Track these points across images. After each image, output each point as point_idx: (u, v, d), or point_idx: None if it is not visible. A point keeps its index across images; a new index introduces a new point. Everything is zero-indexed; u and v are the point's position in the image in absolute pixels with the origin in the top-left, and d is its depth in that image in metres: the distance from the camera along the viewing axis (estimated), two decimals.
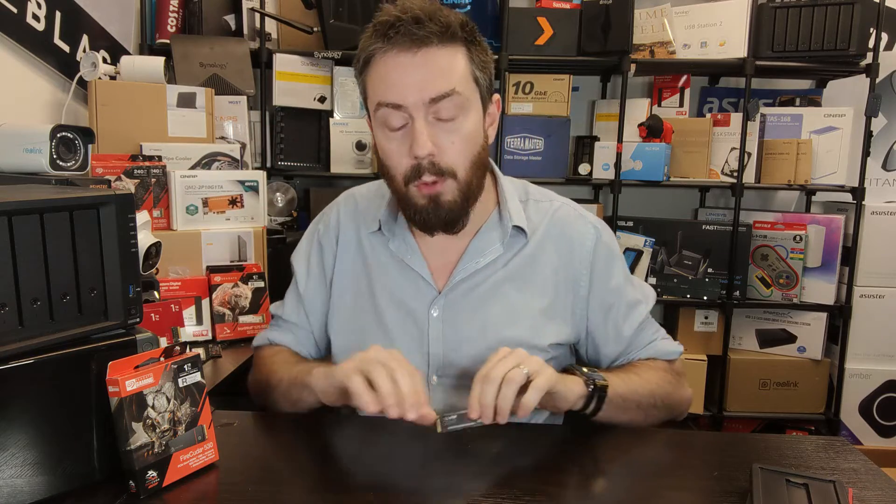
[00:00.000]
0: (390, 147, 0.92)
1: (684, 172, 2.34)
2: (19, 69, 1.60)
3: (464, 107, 0.90)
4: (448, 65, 0.88)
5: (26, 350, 0.66)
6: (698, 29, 2.25)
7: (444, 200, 0.92)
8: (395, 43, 0.86)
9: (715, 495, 0.75)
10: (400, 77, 0.87)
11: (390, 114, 0.89)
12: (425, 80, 0.87)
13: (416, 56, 0.86)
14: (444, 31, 0.87)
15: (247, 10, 2.21)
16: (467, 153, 0.92)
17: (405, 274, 1.02)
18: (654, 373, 1.01)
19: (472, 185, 0.94)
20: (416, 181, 0.91)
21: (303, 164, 2.28)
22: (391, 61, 0.87)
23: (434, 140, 0.89)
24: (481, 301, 1.00)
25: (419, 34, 0.85)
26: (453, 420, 0.80)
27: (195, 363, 0.76)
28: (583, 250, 1.03)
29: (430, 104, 0.87)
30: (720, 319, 2.36)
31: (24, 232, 0.66)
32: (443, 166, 0.90)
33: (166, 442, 0.72)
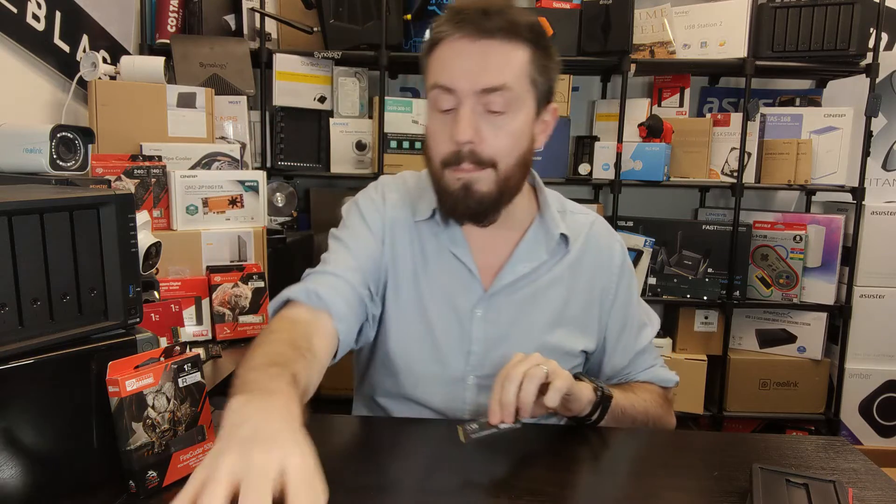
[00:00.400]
0: (435, 128, 0.93)
1: (684, 172, 2.34)
2: (19, 69, 1.60)
3: (514, 104, 0.90)
4: (505, 60, 0.89)
5: (26, 350, 0.66)
6: (698, 29, 2.25)
7: (477, 189, 0.91)
8: (461, 29, 0.88)
9: (715, 495, 0.75)
10: (457, 62, 0.89)
11: (441, 96, 0.90)
12: (480, 70, 0.88)
13: (476, 45, 0.88)
14: (509, 28, 0.88)
15: (247, 10, 2.21)
16: (511, 148, 0.91)
17: (453, 268, 1.01)
18: (650, 395, 1.05)
19: (510, 181, 0.93)
20: (454, 167, 0.91)
21: (303, 164, 2.28)
22: (453, 46, 0.89)
23: (477, 130, 0.89)
24: (524, 304, 1.01)
25: (484, 25, 0.87)
26: (475, 429, 0.81)
27: (195, 363, 0.76)
28: (612, 265, 1.06)
29: (480, 94, 0.88)
30: (720, 319, 2.36)
31: (24, 232, 0.66)
32: (483, 156, 0.90)
33: (166, 442, 0.72)
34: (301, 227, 2.33)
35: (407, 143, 2.23)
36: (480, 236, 1.01)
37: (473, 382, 1.00)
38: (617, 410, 0.95)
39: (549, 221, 1.02)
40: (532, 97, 0.92)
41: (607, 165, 2.27)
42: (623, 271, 1.07)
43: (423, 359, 1.00)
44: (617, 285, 1.06)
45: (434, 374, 1.00)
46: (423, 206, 1.01)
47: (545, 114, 0.97)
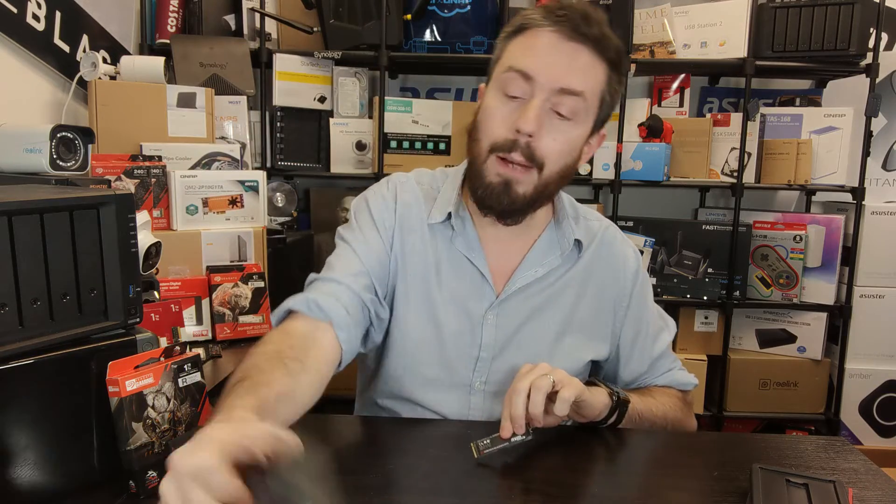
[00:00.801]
0: (495, 110, 0.90)
1: (684, 172, 2.33)
2: (19, 69, 1.60)
3: (580, 115, 0.90)
4: (590, 69, 0.89)
5: (26, 350, 0.66)
6: (698, 29, 2.25)
7: (516, 189, 0.91)
8: (558, 24, 0.87)
9: (715, 495, 0.75)
10: (546, 54, 0.88)
11: (515, 80, 0.88)
12: (566, 69, 0.87)
13: (568, 44, 0.87)
14: (601, 40, 0.88)
15: (247, 10, 2.21)
16: (561, 156, 0.91)
17: (466, 272, 0.99)
18: (668, 398, 1.05)
19: (548, 188, 0.93)
20: (504, 154, 0.89)
21: (303, 164, 2.27)
22: (546, 37, 0.88)
23: (540, 125, 0.88)
24: (536, 311, 1.00)
25: (581, 28, 0.87)
26: (487, 444, 0.81)
27: (195, 363, 0.76)
28: (626, 273, 1.05)
29: (557, 93, 0.87)
30: (720, 319, 2.36)
31: (24, 232, 0.66)
32: (536, 154, 0.89)
33: (166, 442, 0.72)
34: (301, 227, 2.33)
35: (407, 143, 2.24)
36: (494, 240, 1.00)
37: (480, 388, 0.99)
38: (634, 415, 0.95)
39: (565, 226, 1.02)
40: (594, 116, 0.92)
41: (607, 165, 2.27)
42: (637, 278, 1.06)
43: (431, 362, 0.99)
44: (631, 293, 1.05)
45: (441, 378, 0.99)
46: (439, 209, 1.00)
47: (595, 137, 0.97)
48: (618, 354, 1.06)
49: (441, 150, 2.25)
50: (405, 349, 0.99)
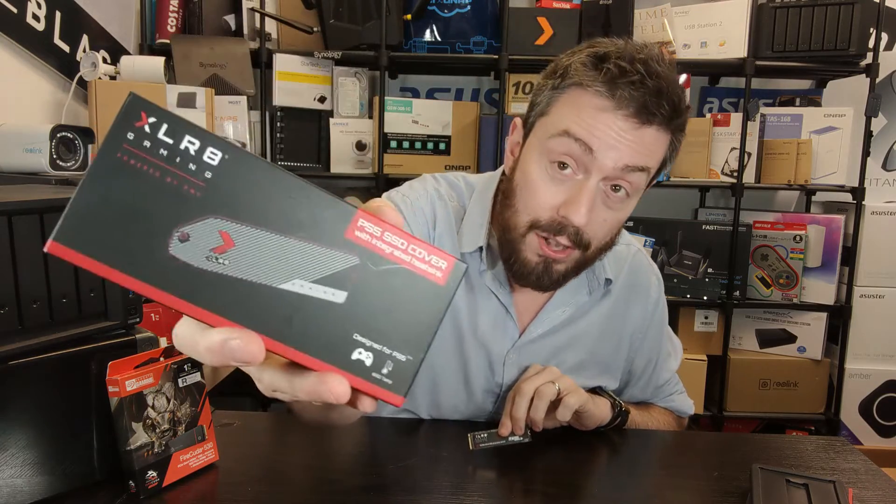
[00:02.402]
0: (542, 188, 0.79)
1: (684, 172, 2.33)
2: (19, 69, 1.60)
3: (638, 189, 0.80)
4: (656, 144, 0.78)
5: (26, 350, 0.66)
6: (698, 29, 2.25)
7: (557, 269, 0.83)
8: (622, 100, 0.74)
9: (715, 495, 0.75)
10: (607, 134, 0.75)
11: (569, 149, 0.76)
12: (630, 151, 0.76)
13: (635, 131, 0.75)
14: (671, 118, 0.76)
15: (247, 10, 2.21)
16: (609, 233, 0.83)
17: (492, 308, 0.93)
18: (664, 419, 1.05)
19: (590, 263, 0.86)
20: (546, 234, 0.80)
21: (303, 164, 2.27)
22: (608, 115, 0.75)
23: (592, 211, 0.77)
24: (558, 350, 0.97)
25: (651, 111, 0.74)
26: (484, 438, 0.81)
27: (195, 363, 0.76)
28: (648, 303, 1.01)
29: (619, 171, 0.76)
30: (720, 319, 2.35)
31: (24, 232, 0.66)
32: (584, 239, 0.80)
33: (166, 442, 0.72)
34: None
35: (407, 143, 2.24)
36: None
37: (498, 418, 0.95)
38: (632, 426, 0.96)
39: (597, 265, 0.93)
40: (649, 178, 0.83)
41: None
42: (657, 307, 1.03)
43: (452, 388, 0.96)
44: (650, 323, 1.02)
45: (458, 406, 0.96)
46: (469, 238, 0.91)
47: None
48: (628, 379, 1.05)
49: (441, 150, 2.25)
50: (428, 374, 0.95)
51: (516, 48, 2.18)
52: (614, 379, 1.02)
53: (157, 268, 0.29)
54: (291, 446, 0.89)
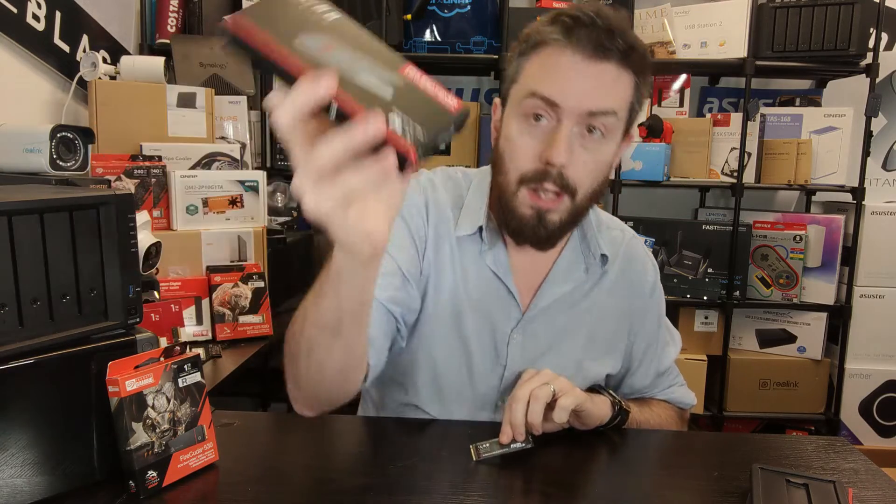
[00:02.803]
0: (521, 142, 0.85)
1: (684, 172, 2.33)
2: (19, 69, 1.60)
3: (611, 132, 0.85)
4: (617, 86, 0.83)
5: (26, 350, 0.66)
6: (698, 29, 2.25)
7: (551, 219, 0.87)
8: (578, 43, 0.81)
9: (715, 495, 0.75)
10: (569, 79, 0.82)
11: (539, 108, 0.83)
12: (593, 92, 0.82)
13: (591, 66, 0.81)
14: (626, 52, 0.82)
15: None
16: (594, 178, 0.87)
17: (493, 288, 0.95)
18: (665, 412, 1.05)
19: (583, 211, 0.90)
20: (534, 185, 0.85)
21: None
22: (566, 60, 0.82)
23: (571, 153, 0.83)
24: (563, 329, 0.98)
25: (606, 46, 0.80)
26: (487, 448, 0.81)
27: (195, 363, 0.76)
28: (645, 287, 1.04)
29: (586, 116, 0.82)
30: (720, 319, 2.36)
31: (24, 232, 0.66)
32: (569, 182, 0.84)
33: (166, 442, 0.72)
34: (301, 227, 2.33)
35: None
36: (521, 256, 0.97)
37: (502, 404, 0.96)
38: (633, 425, 0.95)
39: (591, 239, 0.99)
40: (623, 126, 0.87)
41: None
42: (654, 292, 1.05)
43: (454, 375, 0.96)
44: (647, 308, 1.04)
45: (463, 392, 0.97)
46: (468, 221, 0.95)
47: (623, 143, 0.91)
48: (627, 365, 1.05)
49: (441, 149, 2.25)
50: (429, 358, 0.96)
51: None
52: (616, 362, 1.03)
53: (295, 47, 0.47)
54: (291, 446, 0.89)
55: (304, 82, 0.45)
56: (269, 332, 1.54)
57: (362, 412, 1.10)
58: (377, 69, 0.49)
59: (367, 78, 0.48)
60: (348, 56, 0.48)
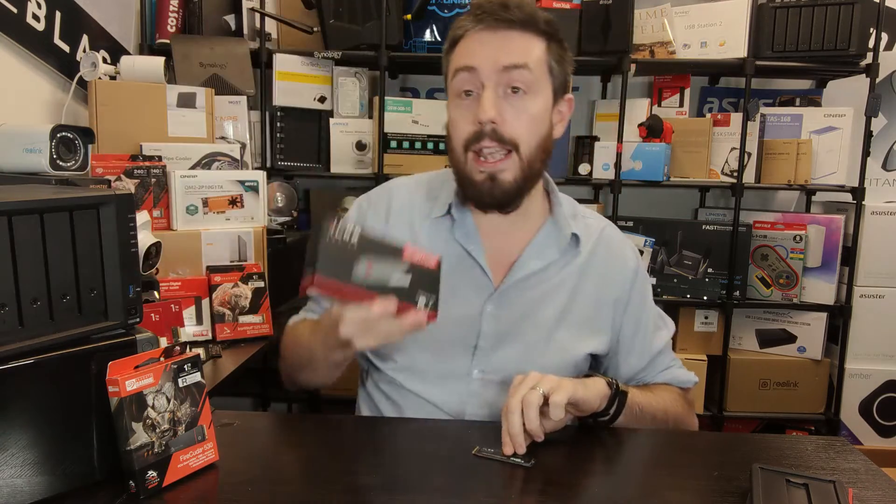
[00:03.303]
0: (457, 114, 0.96)
1: (684, 172, 2.33)
2: (19, 69, 1.60)
3: (533, 86, 0.94)
4: (524, 46, 0.94)
5: (26, 350, 0.66)
6: (698, 29, 2.25)
7: (503, 179, 0.94)
8: (482, 21, 0.93)
9: (715, 495, 0.75)
10: (479, 46, 0.93)
11: (463, 78, 0.94)
12: (501, 50, 0.92)
13: (497, 34, 0.93)
14: (527, 21, 0.93)
15: (247, 10, 2.21)
16: (532, 131, 0.95)
17: (464, 265, 1.02)
18: (669, 394, 1.06)
19: (533, 166, 0.96)
20: (476, 146, 0.93)
21: (303, 164, 2.27)
22: (475, 36, 0.94)
23: (500, 111, 0.92)
24: (535, 303, 1.02)
25: (504, 16, 0.92)
26: (490, 452, 0.82)
27: (195, 363, 0.76)
28: (626, 270, 1.07)
29: (502, 72, 0.92)
30: (720, 319, 2.36)
31: (24, 232, 0.66)
32: (505, 136, 0.92)
33: (166, 442, 0.72)
34: (301, 227, 2.33)
35: (407, 143, 2.23)
36: (494, 233, 1.03)
37: (478, 377, 1.00)
38: (635, 408, 0.95)
39: (561, 221, 1.04)
40: (549, 85, 0.97)
41: (607, 165, 2.27)
42: (637, 276, 1.08)
43: (423, 350, 1.00)
44: (630, 291, 1.07)
45: (435, 369, 1.00)
46: (440, 204, 1.04)
47: (561, 104, 1.01)
48: (617, 349, 1.07)
49: (441, 150, 2.25)
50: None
51: None
52: (602, 339, 1.05)
53: (351, 280, 0.76)
54: (291, 446, 0.90)
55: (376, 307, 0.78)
56: (270, 332, 1.54)
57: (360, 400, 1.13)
58: (397, 265, 0.78)
59: (395, 280, 0.78)
60: (381, 267, 0.77)
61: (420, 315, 0.80)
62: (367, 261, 0.76)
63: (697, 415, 1.09)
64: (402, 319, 0.79)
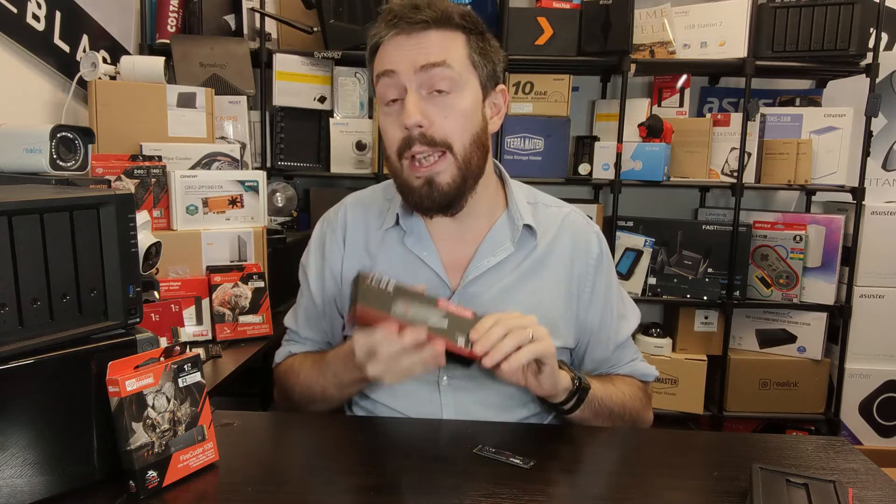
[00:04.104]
0: (386, 122, 0.95)
1: (684, 172, 2.33)
2: (19, 69, 1.60)
3: (457, 83, 0.92)
4: (442, 43, 0.92)
5: (26, 350, 0.66)
6: (698, 29, 2.25)
7: (440, 181, 0.93)
8: (396, 27, 0.92)
9: (715, 495, 0.75)
10: (395, 50, 0.92)
11: (386, 85, 0.93)
12: (418, 51, 0.91)
13: (411, 36, 0.91)
14: (440, 18, 0.91)
15: (247, 10, 2.21)
16: (464, 128, 0.93)
17: (418, 271, 1.02)
18: (630, 388, 1.05)
19: (470, 164, 0.94)
20: (408, 152, 0.92)
21: (303, 164, 2.28)
22: (392, 41, 0.92)
23: (425, 113, 0.91)
24: (494, 302, 1.00)
25: (415, 18, 0.90)
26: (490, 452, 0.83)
27: (195, 363, 0.76)
28: (589, 255, 1.05)
29: (421, 72, 0.90)
30: (720, 319, 2.36)
31: (24, 232, 0.66)
32: (436, 138, 0.91)
33: (166, 442, 0.72)
34: (301, 227, 2.33)
35: None
36: (447, 237, 1.02)
37: (447, 383, 0.99)
38: (594, 402, 0.95)
39: (514, 213, 1.02)
40: (475, 78, 0.95)
41: (607, 165, 2.27)
42: (601, 261, 1.06)
43: None
44: (595, 275, 1.05)
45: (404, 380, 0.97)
46: (391, 215, 1.04)
47: (494, 96, 0.99)
48: (587, 339, 1.06)
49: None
50: None
51: (516, 48, 2.18)
52: (570, 332, 1.04)
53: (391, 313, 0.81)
54: (291, 446, 0.90)
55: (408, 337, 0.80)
56: (269, 332, 1.54)
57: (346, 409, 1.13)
58: (432, 311, 0.83)
59: (433, 320, 0.82)
60: (417, 309, 0.82)
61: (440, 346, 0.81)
62: (404, 304, 0.81)
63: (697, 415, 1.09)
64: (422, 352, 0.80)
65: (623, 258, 2.32)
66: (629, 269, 2.31)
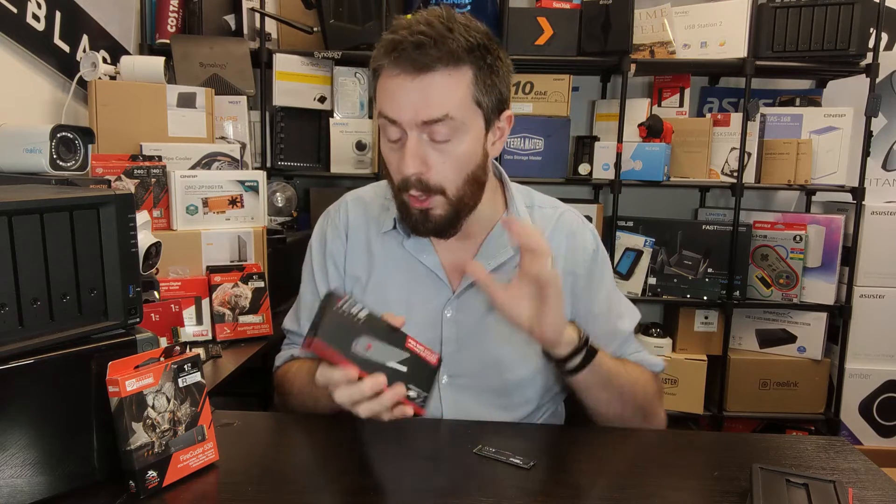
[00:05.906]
0: (389, 158, 0.95)
1: (684, 172, 2.33)
2: (19, 69, 1.60)
3: (459, 130, 0.90)
4: (446, 90, 0.87)
5: (26, 350, 0.66)
6: (698, 29, 2.25)
7: (434, 214, 0.94)
8: (398, 64, 0.87)
9: (715, 495, 0.75)
10: (398, 96, 0.88)
11: (388, 126, 0.91)
12: (420, 104, 0.87)
13: (415, 81, 0.87)
14: (447, 58, 0.86)
15: (247, 10, 2.21)
16: (458, 172, 0.92)
17: (419, 273, 1.03)
18: (641, 374, 1.04)
19: (463, 200, 0.95)
20: (406, 193, 0.93)
21: (303, 164, 2.27)
22: (392, 80, 0.89)
23: (424, 159, 0.90)
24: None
25: (420, 60, 0.86)
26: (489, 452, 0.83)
27: (195, 363, 0.76)
28: (585, 251, 1.06)
29: (422, 125, 0.88)
30: (720, 319, 2.36)
31: (24, 232, 0.66)
32: (431, 184, 0.91)
33: (166, 442, 0.72)
34: (301, 227, 2.33)
35: None
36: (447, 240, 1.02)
37: (446, 381, 1.01)
38: (603, 370, 0.93)
39: (514, 215, 1.04)
40: (479, 117, 0.92)
41: (607, 165, 2.27)
42: (596, 257, 1.06)
43: None
44: (590, 270, 1.05)
45: None
46: (388, 218, 1.05)
47: (498, 122, 0.96)
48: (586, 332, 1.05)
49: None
50: None
51: (516, 48, 2.18)
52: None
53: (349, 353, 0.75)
54: (291, 446, 0.90)
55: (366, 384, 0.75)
56: (270, 332, 1.54)
57: None
58: (396, 351, 0.78)
59: (392, 364, 0.78)
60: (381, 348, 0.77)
61: (406, 408, 0.77)
62: (369, 340, 0.76)
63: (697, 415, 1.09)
64: (385, 398, 0.76)
65: (623, 258, 2.32)
66: (629, 269, 2.31)
